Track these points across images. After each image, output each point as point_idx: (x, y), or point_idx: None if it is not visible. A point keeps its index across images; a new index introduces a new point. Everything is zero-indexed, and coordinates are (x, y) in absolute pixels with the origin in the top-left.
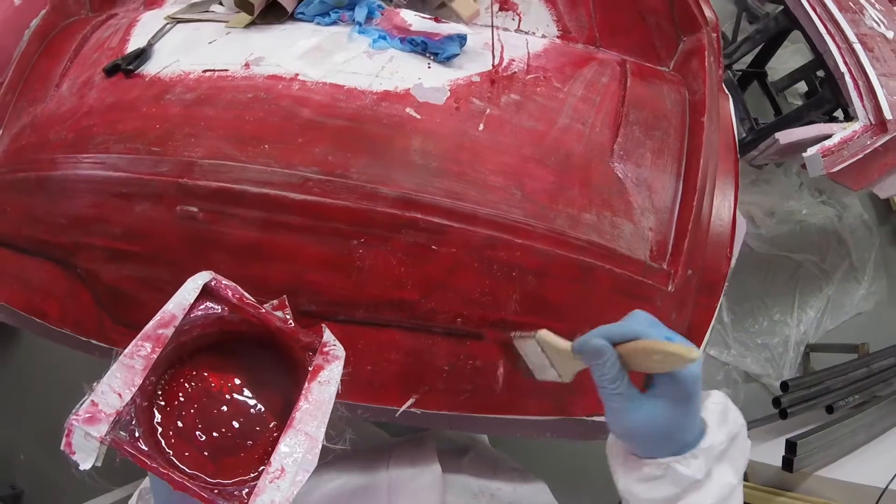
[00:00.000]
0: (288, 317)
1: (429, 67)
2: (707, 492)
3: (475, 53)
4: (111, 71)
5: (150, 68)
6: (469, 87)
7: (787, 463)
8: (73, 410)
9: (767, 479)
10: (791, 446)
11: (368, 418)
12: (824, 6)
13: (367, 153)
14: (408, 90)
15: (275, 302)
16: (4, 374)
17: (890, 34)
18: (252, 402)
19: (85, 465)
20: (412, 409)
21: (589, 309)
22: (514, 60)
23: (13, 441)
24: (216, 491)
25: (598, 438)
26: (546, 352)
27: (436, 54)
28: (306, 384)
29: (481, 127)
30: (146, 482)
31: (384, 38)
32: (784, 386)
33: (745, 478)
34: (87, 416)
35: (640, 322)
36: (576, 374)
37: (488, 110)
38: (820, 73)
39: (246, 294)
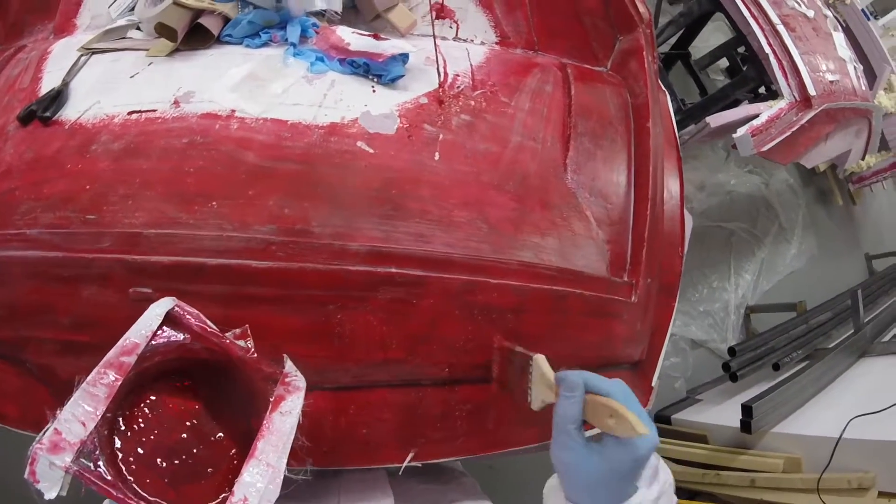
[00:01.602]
0: (250, 346)
1: (373, 91)
2: None
3: (418, 70)
4: (26, 119)
5: (69, 113)
6: (418, 110)
7: (746, 426)
8: (37, 438)
9: (727, 440)
10: (747, 410)
11: None
12: None
13: (324, 201)
14: (356, 120)
15: (237, 331)
16: None
17: (811, 13)
18: (213, 429)
19: (50, 495)
20: (413, 463)
21: (565, 336)
22: (458, 75)
23: None
24: None
25: None
26: (532, 374)
27: (379, 76)
28: (268, 414)
29: (437, 156)
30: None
31: (322, 59)
32: (731, 351)
33: (706, 440)
34: (50, 444)
35: (617, 386)
36: (543, 406)
37: (441, 136)
38: (741, 50)
39: (208, 322)
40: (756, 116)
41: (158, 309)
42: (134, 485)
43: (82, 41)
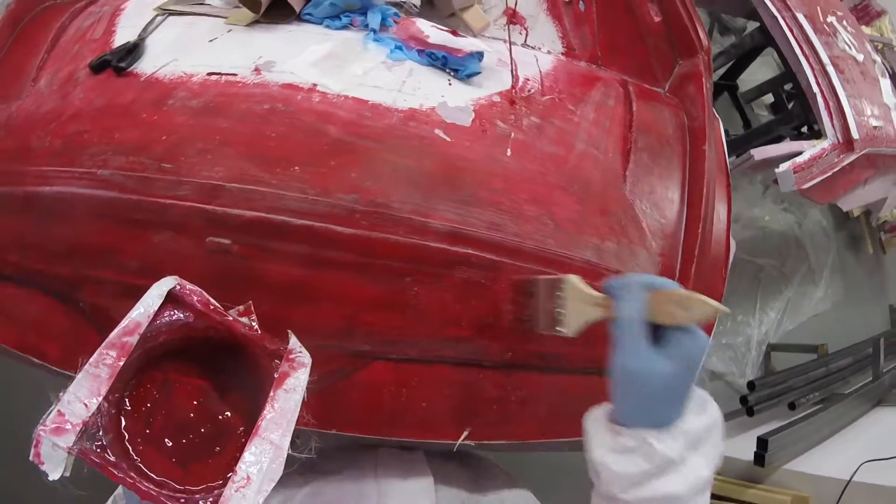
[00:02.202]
0: (253, 323)
1: (450, 84)
2: (679, 478)
3: (490, 70)
4: (99, 67)
5: (145, 66)
6: (491, 107)
7: (759, 458)
8: (41, 421)
9: (738, 472)
10: (763, 443)
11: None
12: (801, 28)
13: (403, 180)
14: (433, 109)
15: (240, 308)
16: None
17: (860, 57)
18: (220, 407)
19: (54, 476)
20: (466, 441)
21: None
22: (528, 79)
23: None
24: (182, 500)
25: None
26: (565, 296)
27: (455, 71)
28: (272, 392)
29: (509, 152)
30: (119, 490)
31: (401, 48)
32: (751, 385)
33: (717, 472)
34: (53, 426)
35: (664, 280)
36: (580, 328)
37: (512, 134)
38: (787, 87)
39: (211, 300)
40: (799, 153)
41: (160, 288)
42: (140, 464)
43: (157, 1)
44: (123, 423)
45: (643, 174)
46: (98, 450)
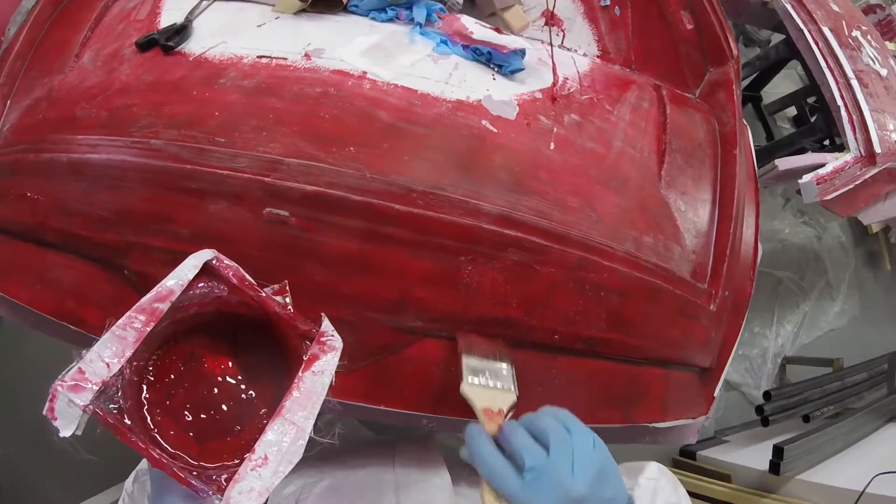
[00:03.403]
0: (287, 302)
1: (494, 79)
2: None
3: (531, 69)
4: (146, 45)
5: (193, 47)
6: (534, 103)
7: (775, 467)
8: (60, 376)
9: (751, 482)
10: (779, 451)
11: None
12: (826, 41)
13: (454, 166)
14: (479, 101)
15: (275, 286)
16: None
17: (884, 72)
18: (244, 387)
19: (65, 433)
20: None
21: (655, 328)
22: (567, 79)
23: None
24: (195, 473)
25: (652, 442)
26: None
27: (500, 66)
28: (300, 373)
29: (552, 146)
30: (143, 463)
31: (446, 43)
32: (767, 395)
33: (729, 479)
34: (72, 383)
35: (492, 460)
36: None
37: (555, 129)
38: (811, 100)
39: (247, 276)
40: (822, 166)
41: (196, 259)
42: (156, 435)
43: None
44: (145, 391)
45: (677, 174)
46: (115, 412)
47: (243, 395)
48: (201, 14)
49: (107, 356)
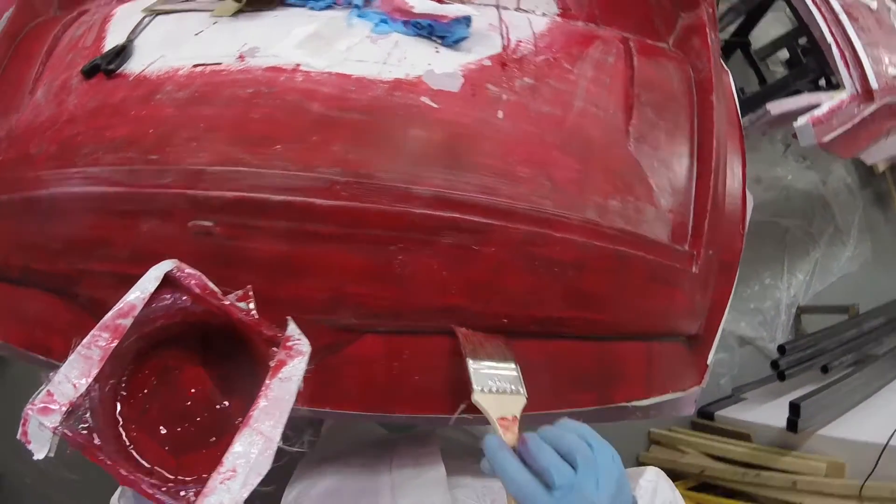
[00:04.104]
0: (251, 307)
1: (437, 52)
2: None
3: (480, 35)
4: (90, 72)
5: (133, 66)
6: (482, 71)
7: (792, 424)
8: (30, 399)
9: (771, 439)
10: (795, 408)
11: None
12: None
13: (389, 149)
14: (420, 77)
15: (239, 292)
16: None
17: (874, 4)
18: (218, 397)
19: (39, 455)
20: (464, 415)
21: (626, 299)
22: (521, 42)
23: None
24: (163, 489)
25: (632, 419)
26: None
27: (442, 38)
28: (267, 380)
29: (501, 115)
30: None
31: (386, 21)
32: (781, 349)
33: (749, 439)
34: (41, 405)
35: (517, 474)
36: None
37: (505, 96)
38: (802, 41)
39: (210, 284)
40: (817, 106)
41: (157, 271)
42: (133, 451)
43: (145, 4)
44: (119, 408)
45: (648, 129)
46: (85, 432)
47: (217, 406)
48: (144, 30)
49: (73, 377)
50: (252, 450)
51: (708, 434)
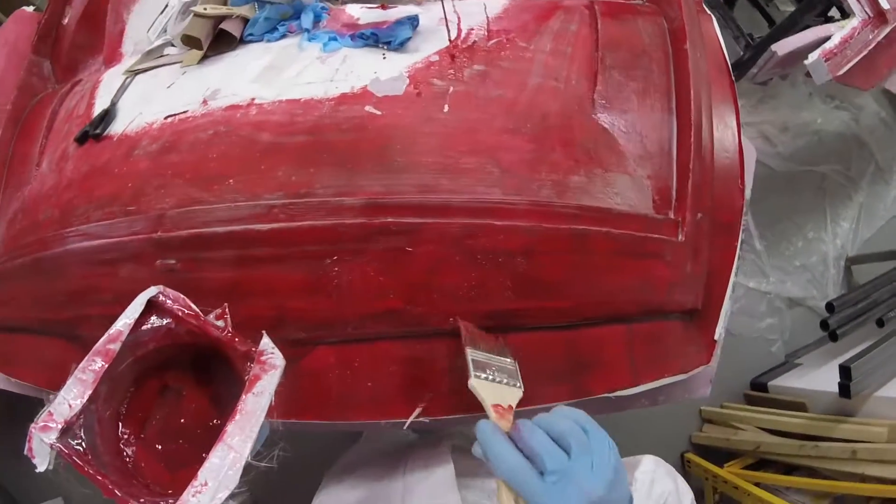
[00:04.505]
0: (227, 325)
1: (384, 58)
2: None
3: (430, 32)
4: (82, 139)
5: (117, 127)
6: (428, 68)
7: (844, 389)
8: (35, 418)
9: (827, 406)
10: (846, 371)
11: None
12: None
13: (330, 164)
14: (365, 87)
15: (217, 311)
16: None
17: None
18: (211, 414)
19: (40, 468)
20: (421, 419)
21: (590, 279)
22: (472, 29)
23: None
24: (142, 500)
25: (619, 411)
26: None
27: (388, 42)
28: (243, 395)
29: (446, 108)
30: None
31: (335, 38)
32: (829, 307)
33: (805, 408)
34: (42, 424)
35: (512, 459)
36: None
37: (451, 88)
38: None
39: (190, 305)
40: (828, 39)
41: (141, 298)
42: (132, 466)
43: (127, 66)
44: (121, 427)
45: (615, 93)
46: (78, 447)
47: (210, 423)
48: (125, 91)
49: (70, 398)
50: (223, 464)
51: (762, 407)
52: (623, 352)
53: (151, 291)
